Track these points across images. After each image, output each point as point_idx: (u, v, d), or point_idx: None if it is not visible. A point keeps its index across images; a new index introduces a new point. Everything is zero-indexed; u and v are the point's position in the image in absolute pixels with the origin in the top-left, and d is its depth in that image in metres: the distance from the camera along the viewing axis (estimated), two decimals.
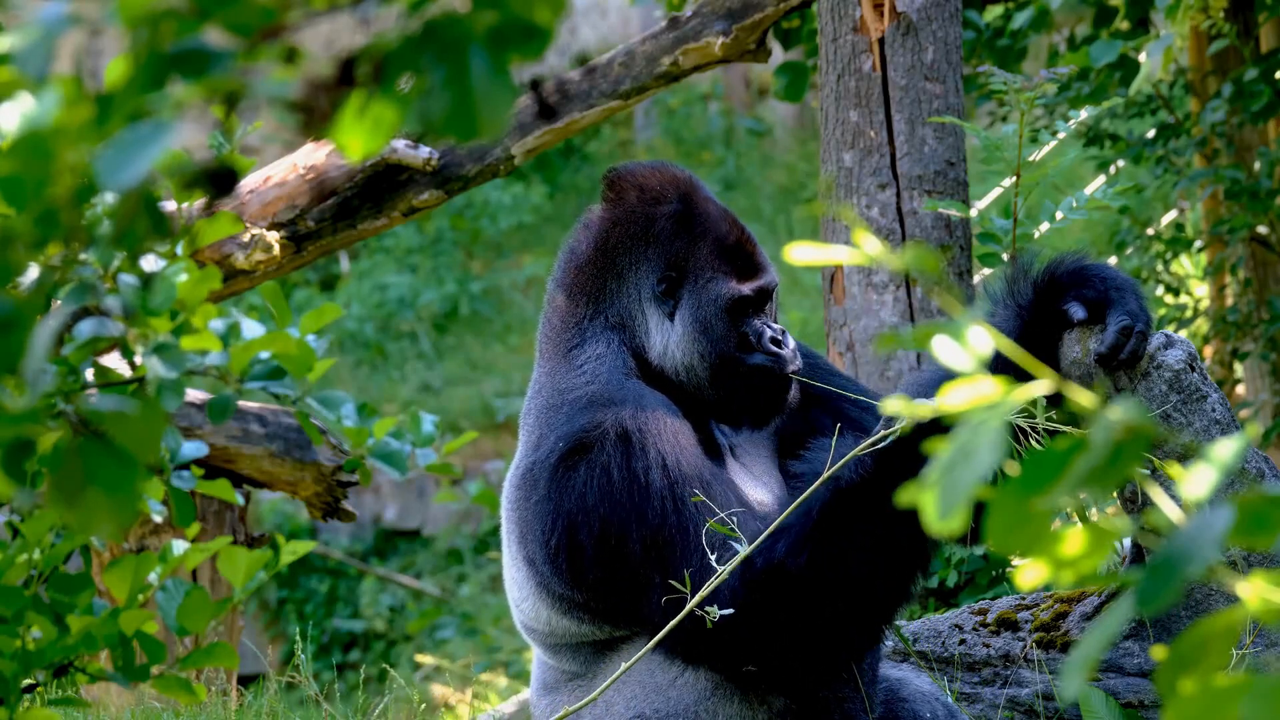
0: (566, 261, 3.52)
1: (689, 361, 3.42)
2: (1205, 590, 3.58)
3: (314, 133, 1.44)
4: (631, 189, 3.48)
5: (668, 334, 3.43)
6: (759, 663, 3.23)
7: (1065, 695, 3.72)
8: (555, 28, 1.42)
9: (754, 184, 15.53)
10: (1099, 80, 7.13)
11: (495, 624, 11.94)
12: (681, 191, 3.47)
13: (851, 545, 3.13)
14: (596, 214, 3.52)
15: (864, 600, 3.18)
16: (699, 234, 3.44)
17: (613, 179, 3.51)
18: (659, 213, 3.45)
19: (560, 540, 3.27)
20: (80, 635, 2.18)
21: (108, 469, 1.58)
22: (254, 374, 1.97)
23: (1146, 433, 1.37)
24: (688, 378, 3.43)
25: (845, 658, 3.27)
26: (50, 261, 1.62)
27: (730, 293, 3.41)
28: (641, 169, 3.52)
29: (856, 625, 3.21)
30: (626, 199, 3.48)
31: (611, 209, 3.49)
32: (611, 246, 3.47)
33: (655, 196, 3.47)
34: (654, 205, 3.46)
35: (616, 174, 3.51)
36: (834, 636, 3.20)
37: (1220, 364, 8.17)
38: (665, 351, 3.43)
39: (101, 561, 5.02)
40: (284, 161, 5.88)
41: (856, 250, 1.54)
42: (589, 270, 3.48)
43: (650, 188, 3.48)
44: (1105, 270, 3.49)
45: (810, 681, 3.30)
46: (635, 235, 3.46)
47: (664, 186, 3.48)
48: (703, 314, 3.41)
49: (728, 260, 3.44)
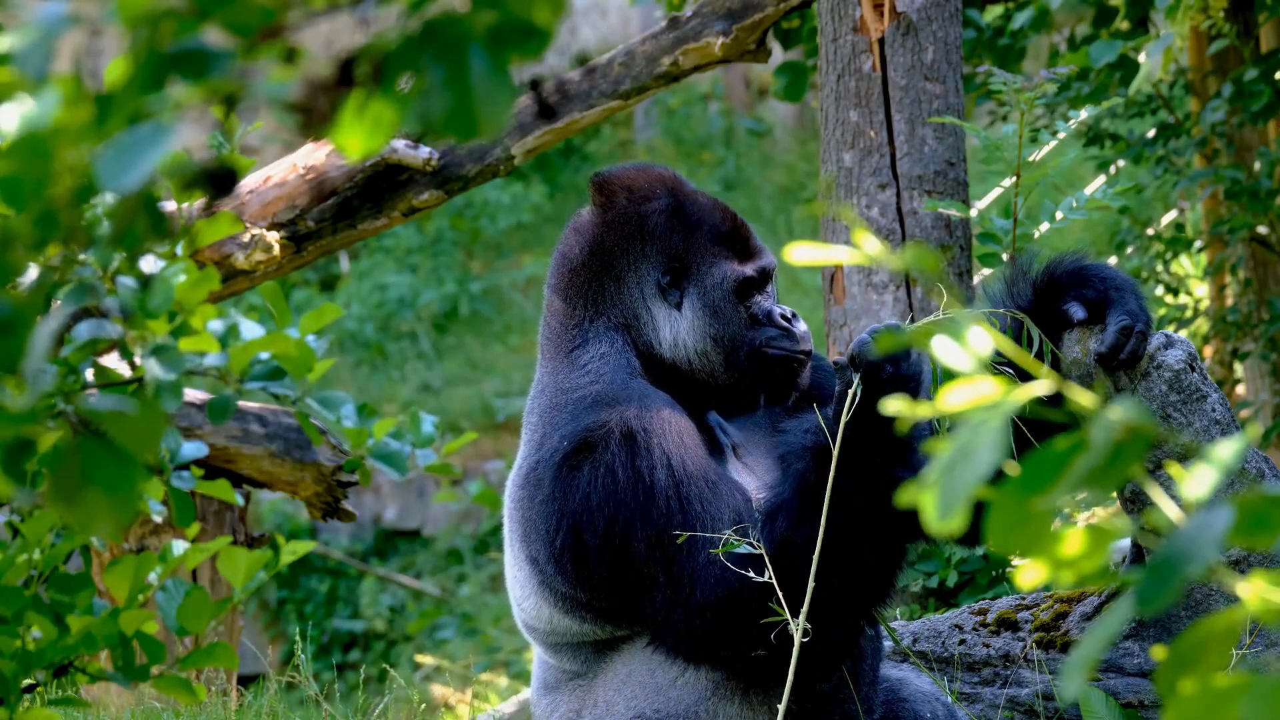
0: (560, 267, 3.54)
1: (702, 347, 3.45)
2: (1205, 590, 3.58)
3: (314, 133, 1.44)
4: (620, 191, 3.51)
5: (677, 324, 3.46)
6: (768, 646, 3.22)
7: (1065, 695, 3.72)
8: (555, 28, 1.42)
9: (754, 184, 15.53)
10: (1099, 80, 7.13)
11: (495, 624, 11.94)
12: (669, 187, 3.52)
13: (844, 506, 3.14)
14: (586, 218, 3.54)
15: (868, 557, 3.18)
16: (694, 224, 3.48)
17: (600, 183, 3.54)
18: (650, 210, 3.49)
19: (564, 539, 3.27)
20: (80, 635, 2.18)
21: (107, 469, 1.58)
22: (254, 374, 1.97)
23: (1146, 433, 1.37)
24: (701, 364, 3.45)
25: (848, 630, 3.25)
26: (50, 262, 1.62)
27: (735, 274, 3.46)
28: (626, 171, 3.56)
29: (863, 588, 3.21)
30: (616, 201, 3.51)
31: (602, 212, 3.52)
32: (607, 250, 3.49)
33: (644, 195, 3.50)
34: (644, 204, 3.49)
35: (603, 178, 3.55)
36: (842, 606, 3.20)
37: (1220, 364, 8.17)
38: (676, 342, 3.46)
39: (101, 561, 5.02)
40: (284, 161, 5.88)
41: (856, 250, 1.54)
42: (584, 274, 3.50)
43: (638, 188, 3.51)
44: (1105, 270, 3.49)
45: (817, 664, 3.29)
46: (630, 235, 3.48)
47: (651, 185, 3.51)
48: (710, 298, 3.45)
49: (726, 245, 3.48)
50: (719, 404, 3.51)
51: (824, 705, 3.35)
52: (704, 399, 3.48)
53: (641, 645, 3.35)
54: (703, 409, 3.48)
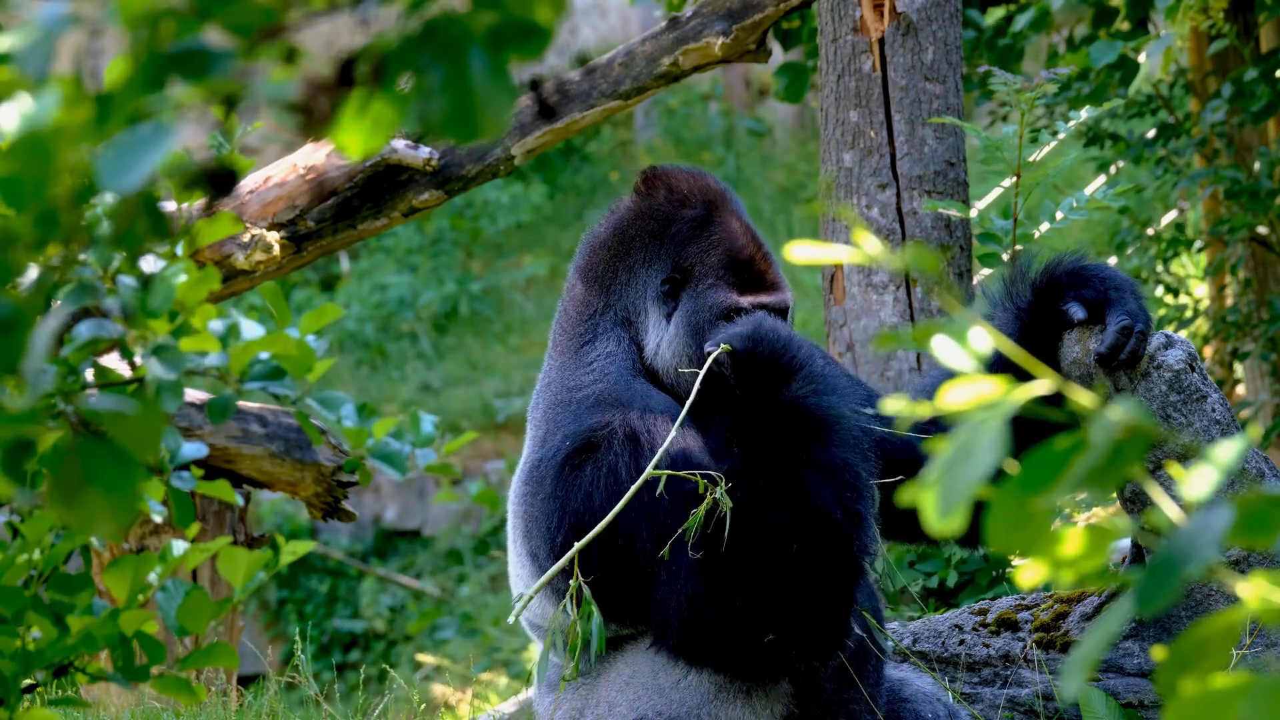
0: (586, 245, 3.58)
1: (676, 363, 3.43)
2: (1205, 590, 3.58)
3: (314, 133, 1.44)
4: (662, 187, 3.54)
5: (662, 334, 3.46)
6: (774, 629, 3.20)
7: (1065, 695, 3.71)
8: (555, 28, 1.42)
9: (754, 184, 15.52)
10: (1099, 81, 7.12)
11: (495, 624, 11.94)
12: (709, 200, 3.51)
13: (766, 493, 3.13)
14: (624, 204, 3.58)
15: (829, 525, 3.15)
16: (713, 243, 3.47)
17: (648, 175, 3.57)
18: (680, 214, 3.49)
19: (566, 539, 3.28)
20: (80, 635, 2.18)
21: (107, 469, 1.58)
22: (254, 374, 1.97)
23: (1146, 433, 1.37)
24: (674, 380, 3.44)
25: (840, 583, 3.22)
26: (50, 262, 1.62)
27: (727, 303, 3.42)
28: (679, 171, 3.57)
29: (825, 562, 3.17)
30: (655, 195, 3.53)
31: (638, 202, 3.54)
32: (630, 237, 3.51)
33: (682, 199, 3.51)
34: (679, 207, 3.50)
35: (653, 171, 3.57)
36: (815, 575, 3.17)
37: (1220, 364, 8.17)
38: (657, 351, 3.46)
39: (101, 561, 5.02)
40: (284, 161, 5.88)
41: (856, 250, 1.54)
42: (604, 254, 3.52)
43: (679, 189, 3.52)
44: (1104, 270, 3.49)
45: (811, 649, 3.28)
46: (653, 232, 3.50)
47: (693, 192, 3.52)
48: (696, 320, 3.43)
49: (734, 273, 3.45)
50: None
51: (827, 706, 3.35)
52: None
53: (644, 646, 3.35)
54: None
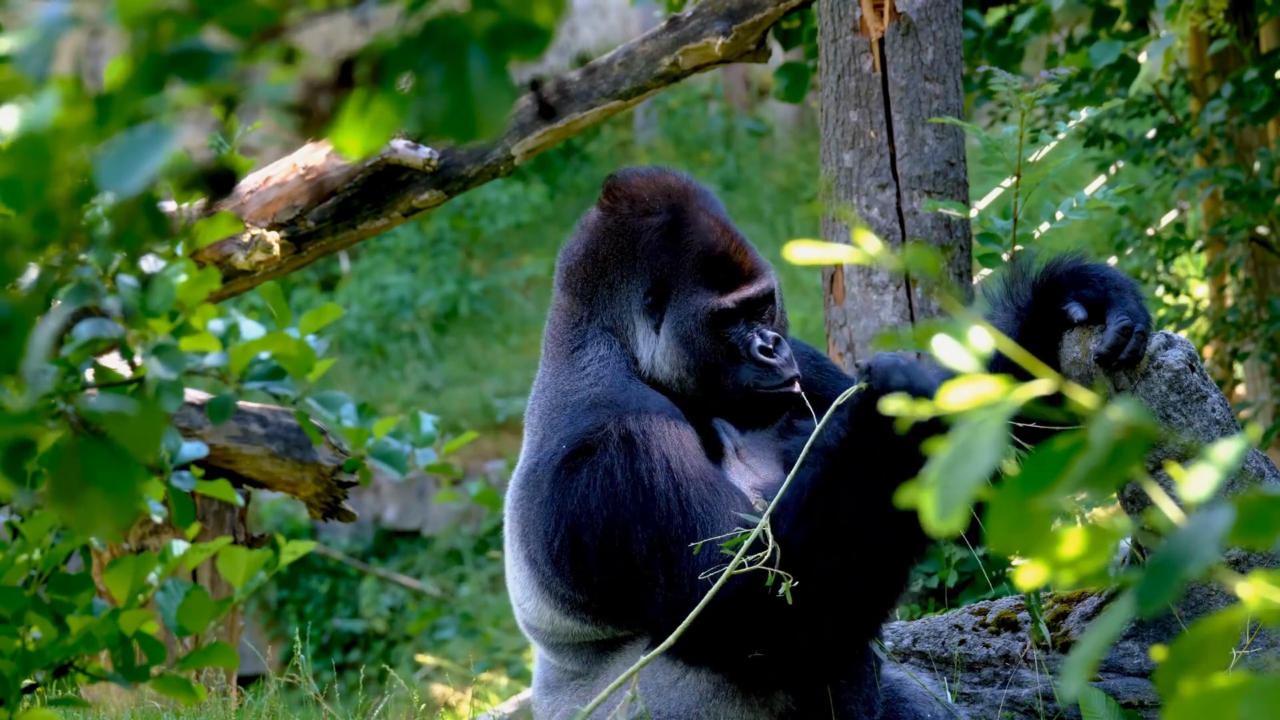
0: (563, 264, 3.56)
1: (677, 374, 3.43)
2: (1205, 590, 3.58)
3: (313, 133, 1.44)
4: (624, 198, 3.50)
5: (654, 346, 3.45)
6: (772, 650, 3.21)
7: (1065, 695, 3.71)
8: (555, 28, 1.42)
9: (754, 184, 15.52)
10: (1099, 81, 7.12)
11: (495, 624, 11.94)
12: (673, 202, 3.47)
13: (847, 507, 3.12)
14: (591, 219, 3.54)
15: (872, 562, 3.15)
16: (684, 247, 3.44)
17: (609, 186, 3.53)
18: (646, 225, 3.46)
19: (563, 542, 3.27)
20: (80, 635, 2.18)
21: (107, 469, 1.58)
22: (254, 374, 1.97)
23: (1146, 433, 1.37)
24: (679, 388, 3.43)
25: (861, 633, 3.25)
26: (50, 262, 1.62)
27: (710, 307, 3.41)
28: (637, 177, 3.53)
29: (867, 594, 3.18)
30: (618, 209, 3.50)
31: (604, 218, 3.51)
32: (602, 258, 3.49)
33: (645, 209, 3.48)
34: (643, 218, 3.47)
35: (614, 181, 3.54)
36: (846, 610, 3.18)
37: (1220, 364, 8.17)
38: (653, 363, 3.45)
39: (101, 561, 5.02)
40: (284, 162, 5.88)
41: (856, 250, 1.54)
42: (581, 273, 3.50)
43: (641, 199, 3.49)
44: (1104, 270, 3.49)
45: (824, 666, 3.28)
46: (624, 249, 3.47)
47: (655, 197, 3.48)
48: (684, 328, 3.42)
49: (712, 273, 3.43)
50: (712, 414, 3.49)
51: (826, 706, 3.35)
52: (698, 405, 3.46)
53: (643, 646, 3.35)
54: (704, 412, 3.47)
